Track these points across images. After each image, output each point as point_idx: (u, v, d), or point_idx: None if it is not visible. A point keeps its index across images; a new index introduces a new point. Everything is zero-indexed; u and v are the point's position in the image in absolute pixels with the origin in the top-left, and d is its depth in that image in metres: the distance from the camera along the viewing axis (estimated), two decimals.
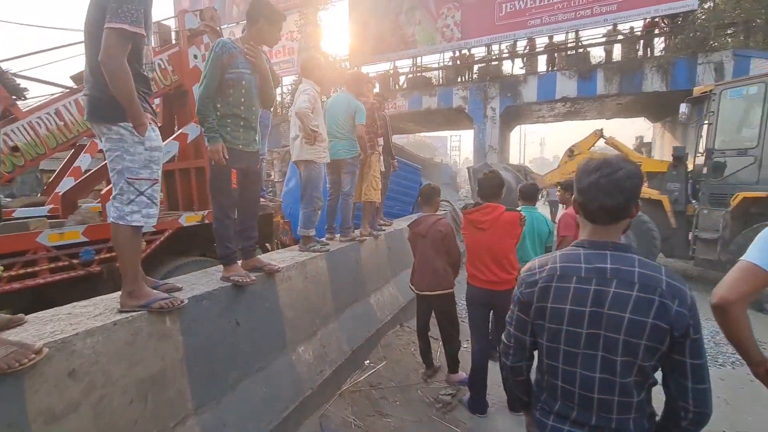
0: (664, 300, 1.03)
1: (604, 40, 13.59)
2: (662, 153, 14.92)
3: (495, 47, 15.34)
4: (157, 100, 4.30)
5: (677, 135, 14.54)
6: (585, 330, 1.09)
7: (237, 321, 2.21)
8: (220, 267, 2.50)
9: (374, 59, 17.53)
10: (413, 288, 3.33)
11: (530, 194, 3.49)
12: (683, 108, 6.40)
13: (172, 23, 4.51)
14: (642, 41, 13.06)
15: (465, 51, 15.69)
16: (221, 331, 2.11)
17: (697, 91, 6.65)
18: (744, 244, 4.87)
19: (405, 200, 7.39)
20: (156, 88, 3.92)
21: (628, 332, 1.05)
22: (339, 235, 4.01)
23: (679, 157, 6.73)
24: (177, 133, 3.92)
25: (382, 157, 4.49)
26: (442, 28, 15.80)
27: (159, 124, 2.09)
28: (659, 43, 13.21)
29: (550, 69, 14.09)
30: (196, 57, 4.22)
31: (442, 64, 16.59)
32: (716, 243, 5.71)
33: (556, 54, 14.18)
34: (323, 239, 3.84)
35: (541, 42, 14.56)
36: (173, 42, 4.27)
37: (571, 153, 7.89)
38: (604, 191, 1.09)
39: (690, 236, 6.28)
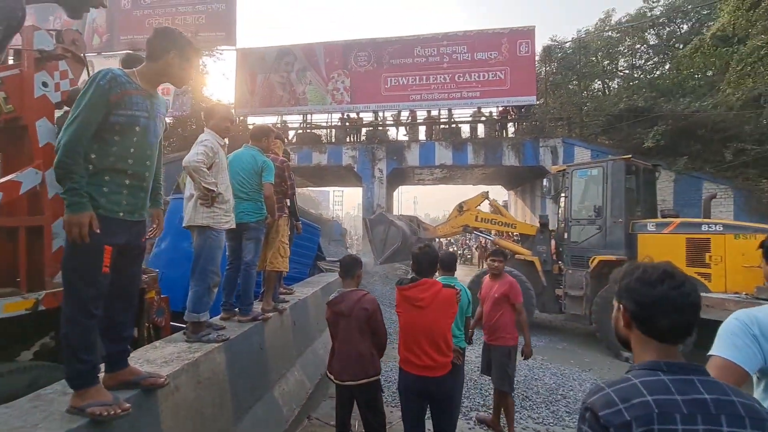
0: None
1: (471, 119, 15.91)
2: (516, 216, 17.56)
3: (381, 114, 16.53)
4: None
5: (526, 202, 17.42)
6: None
7: None
8: (65, 387, 1.66)
9: (262, 112, 17.12)
10: (333, 378, 2.83)
11: (450, 264, 3.41)
12: (545, 182, 7.64)
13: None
14: (499, 124, 15.68)
15: (354, 114, 16.49)
16: None
17: (554, 169, 7.90)
18: (603, 303, 5.92)
19: (303, 262, 6.91)
20: None
21: None
22: (237, 311, 3.36)
23: (544, 224, 7.75)
24: (3, 180, 2.83)
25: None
26: (333, 91, 16.47)
27: None
28: (511, 127, 16.04)
29: (429, 138, 15.70)
30: (45, 85, 3.24)
31: (332, 124, 17.05)
32: (582, 299, 6.65)
33: (433, 126, 15.94)
34: (218, 320, 3.12)
35: (421, 114, 16.28)
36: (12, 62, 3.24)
37: (460, 208, 8.52)
38: (676, 306, 0.97)
39: (557, 293, 7.19)
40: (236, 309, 3.39)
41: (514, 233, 8.55)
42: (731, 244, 5.57)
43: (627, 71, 19.40)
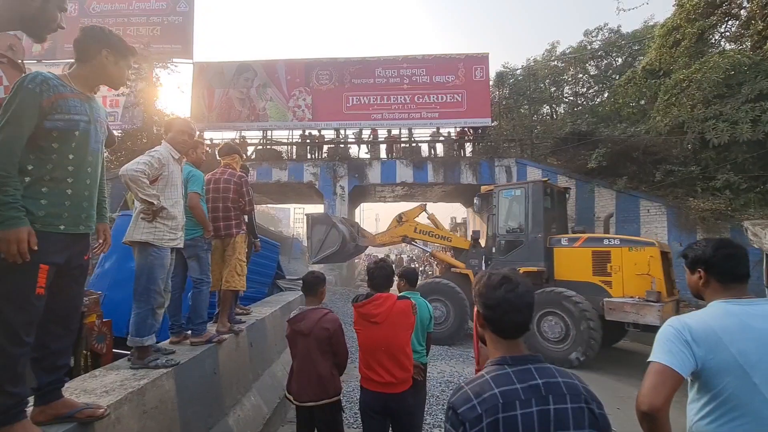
0: (590, 406, 1.08)
1: (430, 138, 16.39)
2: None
3: (343, 131, 16.65)
4: None
5: (484, 218, 18.04)
6: None
7: None
8: None
9: (220, 126, 16.69)
10: (292, 398, 2.74)
11: (412, 279, 3.46)
12: (476, 200, 8.43)
13: None
14: (457, 144, 16.27)
15: (315, 131, 16.49)
16: None
17: (483, 189, 8.55)
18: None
19: (261, 281, 6.70)
20: None
21: None
22: (190, 333, 3.19)
23: (476, 239, 8.49)
24: None
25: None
26: (294, 108, 16.41)
27: None
28: (468, 147, 16.69)
29: (390, 156, 15.95)
30: None
31: (293, 140, 16.94)
32: None
33: (394, 145, 16.24)
34: (167, 344, 2.94)
35: (382, 133, 16.56)
36: None
37: (399, 219, 8.96)
38: (514, 307, 1.14)
39: None
40: (188, 331, 3.22)
41: (449, 246, 9.02)
42: (626, 255, 6.42)
43: (571, 98, 20.94)
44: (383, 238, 8.98)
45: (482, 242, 8.54)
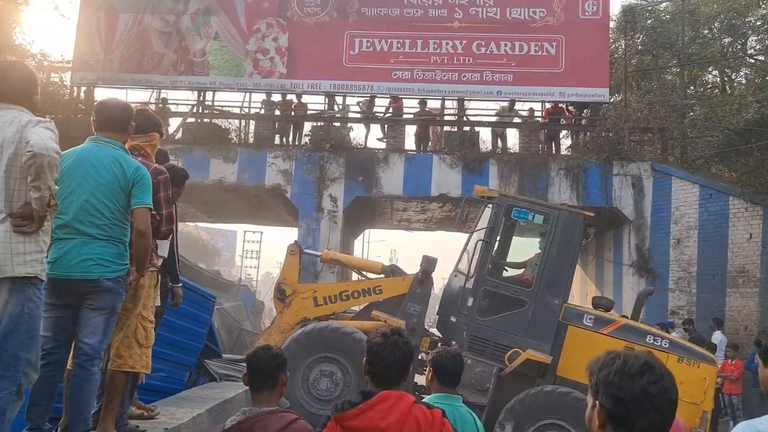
0: None
1: (496, 119, 16.52)
2: (573, 298, 17.92)
3: (341, 99, 16.96)
4: None
5: (589, 271, 17.89)
6: None
7: None
8: None
9: (123, 81, 17.22)
10: None
11: (450, 373, 3.49)
12: (464, 207, 8.77)
13: None
14: (545, 132, 16.35)
15: (292, 96, 16.83)
16: None
17: (479, 191, 8.97)
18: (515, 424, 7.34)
19: (179, 360, 6.83)
20: None
21: None
22: None
23: (427, 271, 8.99)
24: None
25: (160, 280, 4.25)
26: (256, 54, 16.86)
27: None
28: (566, 138, 16.71)
29: (421, 148, 16.09)
30: None
31: (250, 110, 17.23)
32: (481, 409, 7.70)
33: (431, 127, 16.39)
34: None
35: (411, 106, 16.76)
36: None
37: (282, 294, 9.07)
38: (656, 405, 1.44)
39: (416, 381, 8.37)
40: None
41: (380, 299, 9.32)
42: (673, 367, 6.90)
43: (761, 56, 20.89)
44: (272, 337, 8.98)
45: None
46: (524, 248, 9.04)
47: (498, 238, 8.52)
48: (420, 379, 8.28)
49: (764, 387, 2.08)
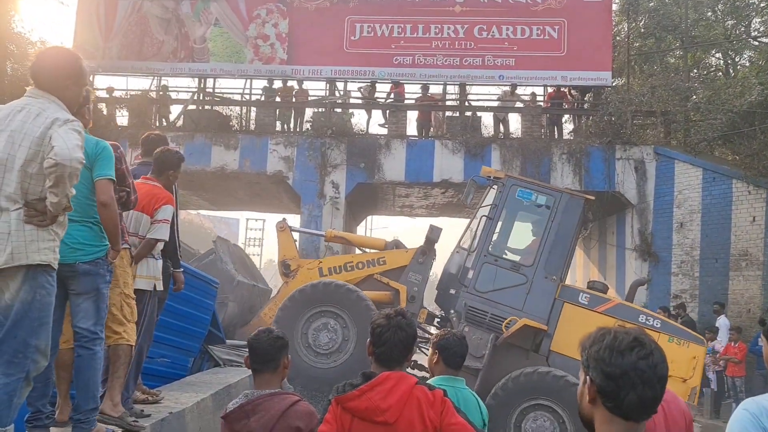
0: None
1: (498, 104, 16.47)
2: (575, 279, 17.97)
3: (342, 85, 16.96)
4: None
5: (592, 254, 17.91)
6: None
7: None
8: None
9: (123, 68, 17.21)
10: None
11: (454, 355, 3.50)
12: (470, 186, 9.23)
13: None
14: (547, 116, 16.31)
15: (293, 83, 16.81)
16: None
17: (485, 171, 9.40)
18: (512, 391, 7.51)
19: (182, 345, 6.87)
20: None
21: None
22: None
23: (431, 240, 9.44)
24: None
25: (152, 262, 4.31)
26: (256, 40, 16.83)
27: None
28: (567, 122, 16.65)
29: (423, 134, 16.07)
30: None
31: (251, 97, 17.21)
32: (474, 376, 7.99)
33: (433, 113, 16.35)
34: None
35: (413, 91, 16.74)
36: None
37: (286, 269, 9.52)
38: (646, 379, 1.49)
39: None
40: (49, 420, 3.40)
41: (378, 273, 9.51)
42: (663, 347, 7.02)
43: (765, 39, 20.78)
44: (276, 306, 9.21)
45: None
46: (526, 234, 9.14)
47: (501, 216, 8.72)
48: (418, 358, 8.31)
49: None
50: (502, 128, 16.22)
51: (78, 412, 3.37)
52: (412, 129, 16.41)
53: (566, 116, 17.34)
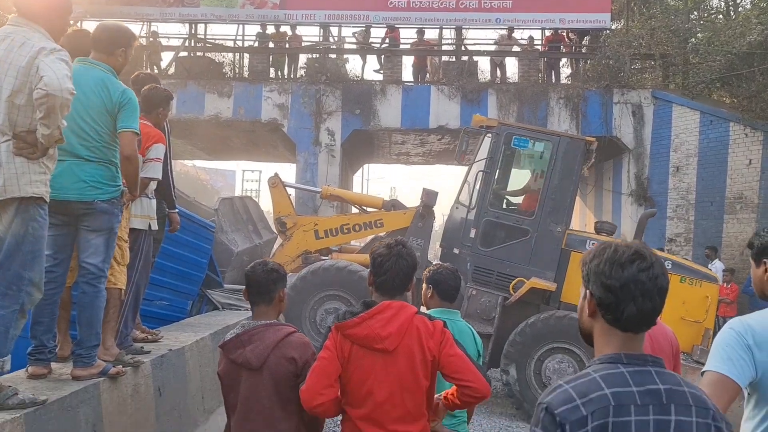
0: (718, 425, 1.52)
1: (495, 48, 16.27)
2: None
3: (336, 30, 16.72)
4: None
5: (588, 200, 17.98)
6: None
7: None
8: None
9: (112, 13, 16.83)
10: None
11: (448, 289, 3.55)
12: (463, 137, 8.68)
13: None
14: (544, 60, 16.14)
15: (286, 28, 16.57)
16: None
17: (477, 120, 8.95)
18: (522, 347, 7.53)
19: (180, 288, 6.91)
20: None
21: None
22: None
23: (428, 205, 9.22)
24: None
25: (146, 202, 4.33)
26: None
27: None
28: (566, 67, 16.48)
29: (419, 79, 15.90)
30: None
31: (244, 43, 16.97)
32: (487, 339, 7.92)
33: (429, 58, 16.16)
34: (23, 374, 3.31)
35: (408, 36, 16.54)
36: None
37: (282, 226, 9.37)
38: (645, 291, 1.52)
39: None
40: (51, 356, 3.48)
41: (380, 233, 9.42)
42: (676, 288, 7.06)
43: None
44: (284, 254, 9.40)
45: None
46: (524, 178, 9.04)
47: (498, 167, 8.53)
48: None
49: (756, 288, 2.24)
50: (498, 73, 16.07)
51: (81, 347, 3.44)
52: (407, 74, 16.32)
53: (564, 60, 17.13)
